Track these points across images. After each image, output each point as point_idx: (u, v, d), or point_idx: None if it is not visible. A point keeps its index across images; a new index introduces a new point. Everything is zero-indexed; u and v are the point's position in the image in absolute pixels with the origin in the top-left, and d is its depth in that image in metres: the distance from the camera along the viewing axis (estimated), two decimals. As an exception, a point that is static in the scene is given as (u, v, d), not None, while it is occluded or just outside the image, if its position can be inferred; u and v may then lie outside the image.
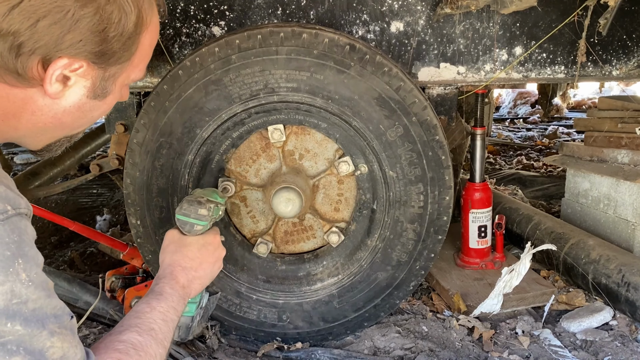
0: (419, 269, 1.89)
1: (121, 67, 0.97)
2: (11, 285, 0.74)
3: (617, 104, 2.72)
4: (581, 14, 1.91)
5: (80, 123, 1.02)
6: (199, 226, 1.36)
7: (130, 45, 0.95)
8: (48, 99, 0.92)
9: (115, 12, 0.89)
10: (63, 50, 0.86)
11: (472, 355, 1.86)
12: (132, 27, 0.93)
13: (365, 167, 1.87)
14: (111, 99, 1.02)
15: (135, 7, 0.92)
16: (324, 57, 1.68)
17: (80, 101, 0.95)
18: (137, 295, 2.07)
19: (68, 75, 0.90)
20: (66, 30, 0.84)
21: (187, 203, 1.37)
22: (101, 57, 0.91)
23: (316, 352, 1.89)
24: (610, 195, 2.58)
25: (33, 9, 0.81)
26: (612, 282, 2.09)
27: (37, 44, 0.84)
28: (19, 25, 0.81)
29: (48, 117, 0.95)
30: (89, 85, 0.94)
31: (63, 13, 0.83)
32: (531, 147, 6.00)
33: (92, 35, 0.87)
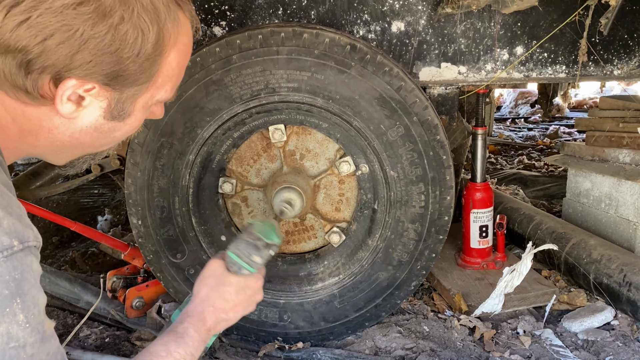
0: (420, 268, 1.89)
1: (140, 89, 0.92)
2: (7, 327, 0.70)
3: (618, 104, 2.71)
4: (582, 13, 1.91)
5: (101, 143, 0.98)
6: (246, 271, 1.23)
7: (148, 67, 0.89)
8: (63, 119, 0.89)
9: (130, 32, 0.84)
10: (73, 70, 0.82)
11: (474, 355, 1.86)
12: (150, 48, 0.87)
13: (366, 167, 1.87)
14: (132, 120, 0.96)
15: (155, 27, 0.86)
16: (325, 57, 1.68)
17: (97, 122, 0.91)
18: (138, 295, 2.08)
19: (83, 95, 0.87)
20: (75, 50, 0.81)
21: (244, 243, 1.23)
22: (114, 79, 0.87)
23: (317, 352, 1.89)
24: (612, 195, 2.57)
25: (41, 26, 0.78)
26: (613, 282, 2.09)
27: (46, 62, 0.81)
28: (27, 41, 0.78)
29: (65, 136, 0.92)
30: (104, 107, 0.90)
31: (71, 32, 0.79)
32: (532, 146, 5.99)
33: (104, 56, 0.83)
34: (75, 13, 0.78)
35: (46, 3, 0.77)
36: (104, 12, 0.80)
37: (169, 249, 1.88)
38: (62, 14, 0.78)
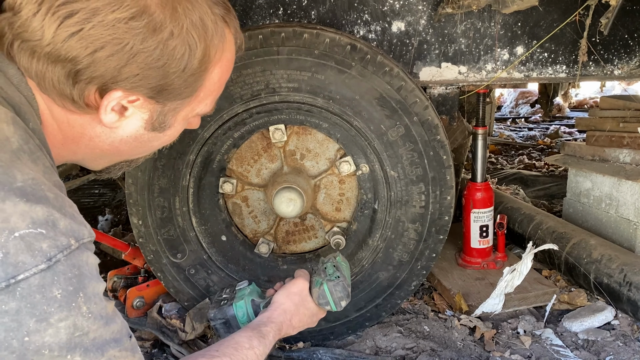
0: (421, 268, 1.89)
1: (182, 102, 0.94)
2: (74, 320, 0.74)
3: (618, 104, 2.71)
4: (582, 13, 1.91)
5: (139, 152, 1.01)
6: (328, 307, 1.35)
7: (193, 81, 0.91)
8: (105, 128, 0.91)
9: (179, 48, 0.85)
10: (119, 82, 0.84)
11: (474, 355, 1.86)
12: (196, 64, 0.88)
13: (367, 167, 1.87)
14: (172, 132, 0.99)
15: (202, 43, 0.88)
16: (325, 57, 1.68)
17: (138, 132, 0.94)
18: (139, 295, 2.08)
19: (126, 106, 0.88)
20: (124, 63, 0.82)
21: (341, 286, 1.34)
22: (159, 93, 0.88)
23: (318, 352, 1.89)
24: (612, 194, 2.57)
25: (92, 38, 0.79)
26: (613, 281, 2.09)
27: (94, 74, 0.82)
28: (78, 52, 0.80)
29: (105, 144, 0.94)
30: (146, 118, 0.92)
31: (121, 45, 0.81)
32: (533, 146, 5.99)
33: (151, 70, 0.84)
34: (126, 27, 0.80)
35: (99, 16, 0.79)
36: (155, 27, 0.82)
37: (170, 248, 1.88)
38: (114, 28, 0.80)
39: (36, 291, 0.70)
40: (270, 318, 1.23)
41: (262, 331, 1.16)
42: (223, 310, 1.33)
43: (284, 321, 1.25)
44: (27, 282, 0.70)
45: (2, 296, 0.69)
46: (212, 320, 1.34)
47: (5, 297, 0.69)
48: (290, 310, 1.28)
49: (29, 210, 0.71)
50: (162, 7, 0.83)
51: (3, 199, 0.70)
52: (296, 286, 1.33)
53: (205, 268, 1.92)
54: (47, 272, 0.71)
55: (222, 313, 1.33)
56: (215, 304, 1.37)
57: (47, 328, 0.71)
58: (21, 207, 0.71)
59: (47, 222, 0.73)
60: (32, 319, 0.70)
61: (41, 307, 0.71)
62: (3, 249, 0.69)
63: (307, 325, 1.35)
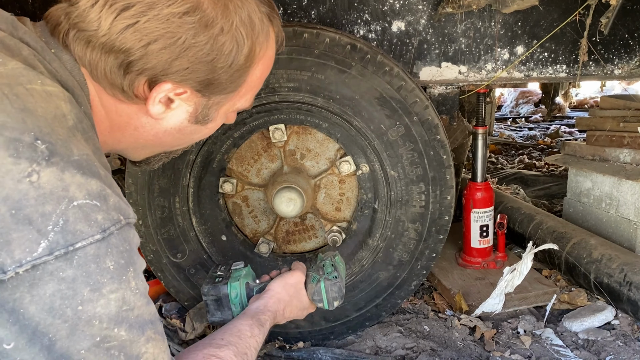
0: (421, 268, 1.89)
1: (226, 97, 0.97)
2: (123, 293, 0.76)
3: (619, 103, 2.71)
4: (583, 13, 1.91)
5: (180, 143, 1.05)
6: (321, 305, 1.37)
7: (238, 77, 0.94)
8: (150, 118, 0.94)
9: (228, 44, 0.88)
10: (169, 75, 0.87)
11: (474, 355, 1.86)
12: (242, 60, 0.91)
13: (367, 167, 1.87)
14: (212, 125, 1.02)
15: (249, 40, 0.90)
16: (325, 56, 1.68)
17: (182, 124, 0.96)
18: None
19: (172, 98, 0.91)
20: (175, 56, 0.85)
21: (337, 287, 1.36)
22: (206, 87, 0.91)
23: (318, 352, 1.89)
24: (612, 194, 2.57)
25: (147, 31, 0.82)
26: (614, 281, 2.09)
27: (146, 66, 0.85)
28: (131, 44, 0.83)
29: (150, 135, 0.97)
30: (191, 110, 0.95)
31: (174, 39, 0.83)
32: (533, 146, 5.99)
33: (201, 64, 0.87)
34: (180, 22, 0.83)
35: (155, 10, 0.82)
36: (207, 22, 0.85)
37: (170, 248, 1.88)
38: (168, 22, 0.82)
39: (91, 260, 0.72)
40: (266, 306, 1.25)
41: (261, 319, 1.18)
42: (217, 287, 1.34)
43: (277, 310, 1.27)
44: (84, 251, 0.72)
45: (61, 263, 0.70)
46: (205, 295, 1.35)
47: (64, 264, 0.70)
48: (285, 301, 1.30)
49: (85, 183, 0.73)
50: (214, 4, 0.85)
51: (62, 169, 0.72)
52: (293, 278, 1.35)
53: (206, 268, 1.92)
54: (101, 242, 0.73)
55: (215, 290, 1.34)
56: (209, 279, 1.38)
57: (99, 298, 0.73)
58: (78, 178, 0.73)
59: (100, 195, 0.75)
60: (87, 288, 0.72)
61: (95, 277, 0.73)
62: (63, 216, 0.70)
63: (296, 317, 1.37)
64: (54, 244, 0.69)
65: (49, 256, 0.69)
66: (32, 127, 0.72)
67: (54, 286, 0.70)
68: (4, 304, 0.69)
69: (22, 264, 0.68)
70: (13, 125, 0.70)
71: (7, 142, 0.69)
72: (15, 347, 0.70)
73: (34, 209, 0.69)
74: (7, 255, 0.67)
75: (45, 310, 0.70)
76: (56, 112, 0.77)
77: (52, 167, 0.71)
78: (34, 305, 0.70)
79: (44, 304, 0.70)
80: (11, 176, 0.68)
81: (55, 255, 0.69)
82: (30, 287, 0.69)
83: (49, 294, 0.70)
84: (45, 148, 0.71)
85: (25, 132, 0.71)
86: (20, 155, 0.69)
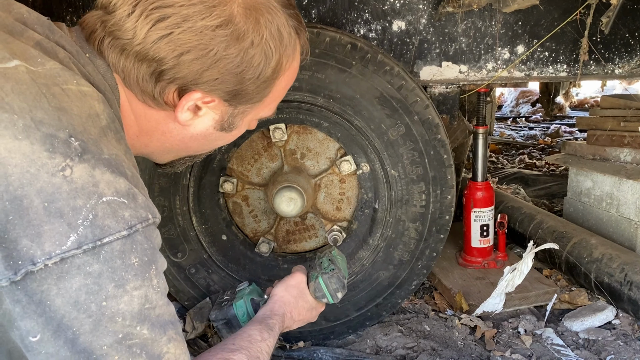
0: (421, 268, 1.88)
1: (252, 107, 0.99)
2: (146, 291, 0.77)
3: (619, 103, 2.71)
4: (583, 12, 1.91)
5: (204, 148, 1.08)
6: (325, 300, 1.37)
7: (264, 88, 0.96)
8: (178, 125, 0.96)
9: (257, 57, 0.90)
10: (199, 84, 0.89)
11: (475, 355, 1.86)
12: (270, 72, 0.94)
13: (367, 166, 1.87)
14: (236, 133, 1.05)
15: (277, 53, 0.93)
16: (326, 56, 1.68)
17: (207, 131, 0.99)
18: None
19: (200, 106, 0.93)
20: (206, 67, 0.87)
21: (336, 278, 1.37)
22: (234, 97, 0.94)
23: (318, 351, 1.89)
24: (613, 194, 2.57)
25: (180, 42, 0.85)
26: (614, 281, 2.09)
27: (177, 75, 0.87)
28: (165, 54, 0.85)
29: (176, 140, 1.00)
30: (217, 118, 0.97)
31: (207, 51, 0.86)
32: (533, 145, 5.99)
33: (230, 75, 0.89)
34: (213, 34, 0.85)
35: (189, 22, 0.84)
36: (238, 36, 0.87)
37: (170, 248, 1.88)
38: (202, 34, 0.85)
39: (117, 256, 0.73)
40: (273, 310, 1.25)
41: (269, 324, 1.19)
42: (224, 310, 1.36)
43: (285, 313, 1.27)
44: (111, 247, 0.73)
45: (88, 257, 0.71)
46: (214, 322, 1.36)
47: (91, 258, 0.71)
48: (290, 303, 1.30)
49: (113, 181, 0.75)
50: (246, 18, 0.88)
51: (93, 166, 0.74)
52: (294, 279, 1.36)
53: (206, 267, 1.92)
54: (127, 239, 0.75)
55: (222, 313, 1.35)
56: (216, 305, 1.40)
57: (123, 295, 0.74)
58: (107, 176, 0.75)
59: (128, 194, 0.77)
60: (112, 284, 0.73)
61: (120, 273, 0.74)
62: (92, 211, 0.72)
63: (308, 320, 1.36)
64: (82, 238, 0.71)
65: (77, 250, 0.70)
66: (67, 125, 0.74)
67: (81, 280, 0.71)
68: (32, 295, 0.70)
69: (51, 256, 0.69)
70: (50, 122, 0.73)
71: (44, 137, 0.71)
72: (41, 339, 0.71)
73: (66, 203, 0.70)
74: (38, 247, 0.69)
75: (70, 304, 0.71)
76: (90, 111, 0.79)
77: (84, 163, 0.73)
78: (60, 298, 0.70)
79: (69, 297, 0.71)
80: (46, 170, 0.70)
81: (83, 250, 0.71)
82: (58, 280, 0.70)
83: (75, 287, 0.71)
84: (79, 145, 0.73)
85: (61, 129, 0.73)
86: (56, 150, 0.71)
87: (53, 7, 1.89)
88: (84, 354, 0.72)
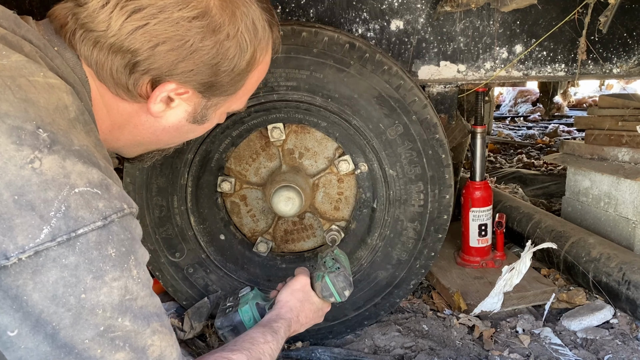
0: (419, 267, 1.88)
1: (225, 99, 1.00)
2: (125, 281, 0.76)
3: (617, 102, 2.71)
4: (581, 11, 1.91)
5: (175, 141, 1.08)
6: (333, 299, 1.36)
7: (238, 80, 0.97)
8: (151, 117, 0.96)
9: (232, 49, 0.91)
10: (174, 75, 0.89)
11: (473, 354, 1.86)
12: (244, 65, 0.94)
13: (365, 166, 1.87)
14: (208, 125, 1.05)
15: (252, 46, 0.94)
16: (324, 55, 1.67)
17: (180, 123, 0.99)
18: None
19: (173, 97, 0.93)
20: (181, 58, 0.87)
21: (342, 276, 1.36)
22: (208, 88, 0.94)
23: (316, 351, 1.89)
24: (611, 193, 2.57)
25: (156, 33, 0.84)
26: (612, 280, 2.09)
27: (152, 66, 0.87)
28: (140, 45, 0.85)
29: (148, 132, 0.99)
30: (190, 110, 0.97)
31: (183, 42, 0.86)
32: (532, 145, 5.99)
33: (205, 67, 0.90)
34: (189, 25, 0.85)
35: (165, 13, 0.84)
36: (214, 28, 0.88)
37: (168, 247, 1.88)
38: (178, 25, 0.85)
39: (93, 247, 0.73)
40: (278, 315, 1.25)
41: (274, 327, 1.18)
42: (229, 317, 1.34)
43: (292, 317, 1.26)
44: (86, 237, 0.72)
45: (63, 249, 0.70)
46: (220, 329, 1.34)
47: (66, 250, 0.71)
48: (296, 307, 1.29)
49: (85, 171, 0.74)
50: (222, 10, 0.88)
51: (64, 157, 0.73)
52: (298, 283, 1.35)
53: (204, 267, 1.92)
54: (103, 230, 0.74)
55: (228, 320, 1.34)
56: (220, 312, 1.38)
57: (102, 286, 0.73)
58: (79, 167, 0.74)
59: (101, 184, 0.76)
60: (90, 275, 0.72)
61: (97, 264, 0.73)
62: (65, 203, 0.71)
63: (314, 321, 1.36)
64: (56, 230, 0.70)
65: (51, 242, 0.70)
66: (34, 117, 0.73)
67: (57, 273, 0.70)
68: (7, 291, 0.69)
69: (24, 250, 0.68)
70: (15, 114, 0.71)
71: (10, 129, 0.70)
72: (19, 334, 0.70)
73: (37, 195, 0.69)
74: (10, 241, 0.68)
75: (48, 298, 0.70)
76: (58, 103, 0.78)
77: (54, 154, 0.72)
78: (37, 293, 0.70)
79: (47, 292, 0.70)
80: (14, 162, 0.69)
81: (57, 242, 0.70)
82: (34, 274, 0.69)
83: (52, 281, 0.70)
84: (47, 137, 0.72)
85: (27, 120, 0.72)
86: (23, 142, 0.70)
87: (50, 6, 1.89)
88: (65, 348, 0.71)
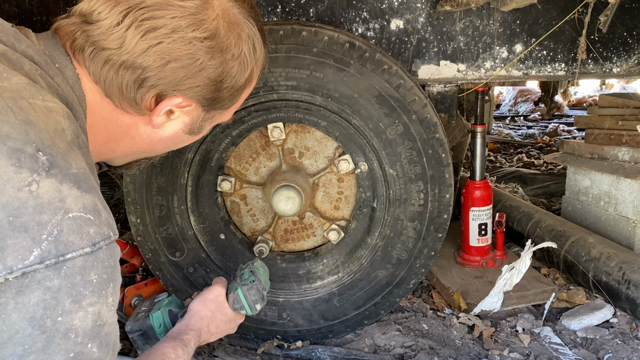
0: (419, 267, 1.88)
1: (221, 112, 1.06)
2: (100, 307, 0.77)
3: (617, 102, 2.71)
4: (581, 11, 1.91)
5: (166, 150, 1.11)
6: (244, 311, 1.37)
7: (236, 96, 1.03)
8: (149, 128, 0.99)
9: (236, 68, 0.97)
10: (181, 90, 0.93)
11: (473, 353, 1.86)
12: (243, 81, 1.01)
13: (365, 165, 1.87)
14: (199, 136, 1.10)
15: (251, 65, 1.00)
16: (324, 55, 1.67)
17: (176, 134, 1.03)
18: (137, 293, 2.07)
19: (174, 110, 0.97)
20: (190, 75, 0.92)
21: (255, 290, 1.38)
22: (210, 103, 0.99)
23: (316, 350, 1.89)
24: (611, 192, 2.57)
25: (169, 51, 0.89)
26: (612, 279, 2.09)
27: (160, 82, 0.91)
28: (151, 62, 0.89)
29: (144, 143, 1.02)
30: (187, 122, 1.02)
31: (193, 60, 0.91)
32: (532, 144, 5.99)
33: (210, 83, 0.95)
34: (201, 45, 0.90)
35: (179, 33, 0.88)
36: (222, 48, 0.93)
37: (168, 247, 1.88)
38: (191, 44, 0.90)
39: (78, 272, 0.74)
40: (188, 326, 1.26)
41: (184, 340, 1.19)
42: (140, 321, 1.33)
43: (202, 327, 1.28)
44: (73, 262, 0.73)
45: (49, 272, 0.71)
46: (130, 333, 1.33)
47: (52, 273, 0.71)
48: (207, 317, 1.31)
49: (80, 196, 0.76)
50: (229, 32, 0.94)
51: (61, 181, 0.74)
52: (212, 293, 1.36)
53: (204, 266, 1.92)
54: (90, 256, 0.75)
55: (139, 325, 1.33)
56: (133, 316, 1.37)
57: (79, 310, 0.74)
58: (75, 191, 0.75)
59: (94, 209, 0.77)
60: (69, 299, 0.73)
61: (78, 289, 0.74)
62: (58, 227, 0.72)
63: (226, 332, 1.37)
64: (45, 253, 0.71)
65: (39, 264, 0.70)
66: (35, 139, 0.74)
67: (39, 295, 0.71)
68: None
69: (12, 270, 0.69)
70: (16, 136, 0.72)
71: (10, 151, 0.71)
72: None
73: (31, 217, 0.70)
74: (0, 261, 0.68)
75: (26, 319, 0.71)
76: (56, 126, 0.80)
77: (51, 178, 0.73)
78: (17, 313, 0.70)
79: (26, 312, 0.70)
80: (12, 184, 0.70)
81: (45, 264, 0.71)
82: (17, 294, 0.70)
83: (33, 302, 0.71)
84: (46, 160, 0.74)
85: (28, 143, 0.73)
86: (22, 165, 0.71)
87: (50, 6, 1.89)
88: None
